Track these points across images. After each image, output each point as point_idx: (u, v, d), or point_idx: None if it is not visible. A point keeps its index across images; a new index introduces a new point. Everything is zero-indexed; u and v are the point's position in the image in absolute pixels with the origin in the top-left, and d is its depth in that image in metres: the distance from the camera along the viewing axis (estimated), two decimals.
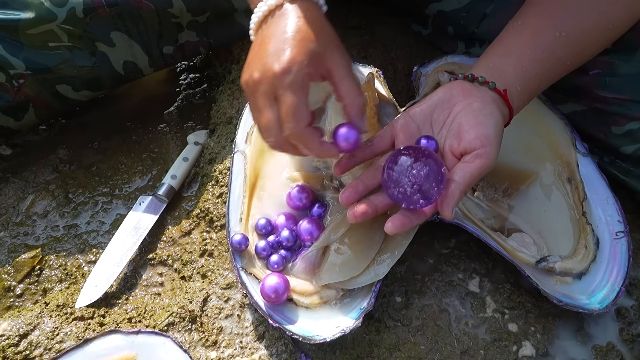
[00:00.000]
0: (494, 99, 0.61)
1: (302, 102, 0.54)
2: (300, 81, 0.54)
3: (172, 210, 0.81)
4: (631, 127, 0.72)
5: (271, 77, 0.54)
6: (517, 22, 0.67)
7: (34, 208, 0.83)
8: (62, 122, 0.93)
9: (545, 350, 0.68)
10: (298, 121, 0.54)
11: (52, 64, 0.79)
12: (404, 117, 0.63)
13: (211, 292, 0.71)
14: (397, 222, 0.58)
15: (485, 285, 0.72)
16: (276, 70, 0.53)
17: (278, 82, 0.54)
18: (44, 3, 0.75)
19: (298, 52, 0.54)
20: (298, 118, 0.54)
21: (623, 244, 0.71)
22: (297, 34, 0.55)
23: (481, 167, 0.58)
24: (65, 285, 0.75)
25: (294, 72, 0.53)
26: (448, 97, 0.62)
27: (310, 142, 0.56)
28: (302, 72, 0.54)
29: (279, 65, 0.53)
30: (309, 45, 0.54)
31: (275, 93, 0.54)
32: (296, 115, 0.54)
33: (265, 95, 0.55)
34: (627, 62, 0.71)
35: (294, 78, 0.53)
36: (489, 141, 0.58)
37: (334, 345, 0.66)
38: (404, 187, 0.57)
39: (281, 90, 0.54)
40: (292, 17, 0.56)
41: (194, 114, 0.94)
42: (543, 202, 0.75)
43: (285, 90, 0.54)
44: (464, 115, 0.60)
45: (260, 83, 0.55)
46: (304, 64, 0.54)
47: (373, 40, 0.96)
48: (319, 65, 0.55)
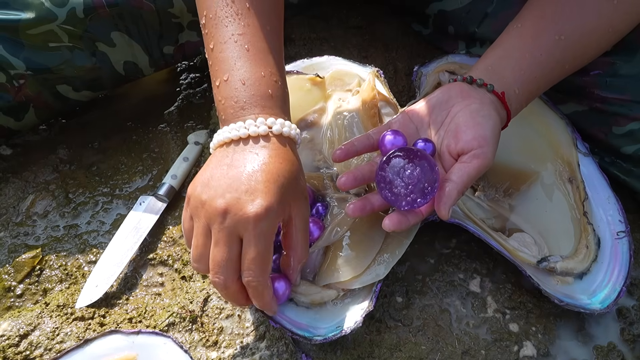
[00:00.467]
0: (492, 100, 0.61)
1: (270, 251, 0.54)
2: (272, 230, 0.53)
3: (172, 210, 0.81)
4: (632, 127, 0.71)
5: (243, 218, 0.52)
6: (517, 25, 0.67)
7: (34, 208, 0.83)
8: (62, 122, 0.93)
9: (547, 351, 0.68)
10: (264, 272, 0.54)
11: (52, 64, 0.79)
12: (402, 116, 0.64)
13: (212, 292, 0.71)
14: (394, 220, 0.58)
15: (486, 285, 0.72)
16: (250, 214, 0.52)
17: (249, 227, 0.52)
18: (45, 3, 0.75)
19: (273, 198, 0.53)
20: (265, 268, 0.54)
21: (624, 243, 0.71)
22: (276, 177, 0.54)
23: (478, 167, 0.58)
24: (66, 285, 0.75)
25: (268, 220, 0.52)
26: (446, 98, 0.62)
27: (264, 294, 0.55)
28: (274, 221, 0.53)
29: (254, 208, 0.52)
30: (283, 191, 0.54)
31: (241, 234, 0.53)
32: (263, 266, 0.53)
33: (229, 232, 0.53)
34: (628, 63, 0.71)
35: (266, 227, 0.52)
36: (486, 142, 0.59)
37: (335, 345, 0.66)
38: (397, 189, 0.58)
39: (250, 236, 0.52)
40: (272, 154, 0.55)
41: (194, 114, 0.93)
42: (544, 202, 0.75)
43: (257, 238, 0.52)
44: (462, 116, 0.61)
45: (225, 215, 0.52)
46: (277, 212, 0.53)
47: (374, 40, 0.96)
48: (286, 212, 0.55)
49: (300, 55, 0.93)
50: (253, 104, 0.57)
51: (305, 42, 0.96)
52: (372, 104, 0.73)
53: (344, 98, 0.77)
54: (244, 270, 0.54)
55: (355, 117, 0.75)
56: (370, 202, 0.61)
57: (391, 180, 0.58)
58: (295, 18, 0.96)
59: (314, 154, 0.76)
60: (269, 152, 0.55)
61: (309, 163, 0.75)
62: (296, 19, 0.98)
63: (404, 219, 0.59)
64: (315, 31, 0.96)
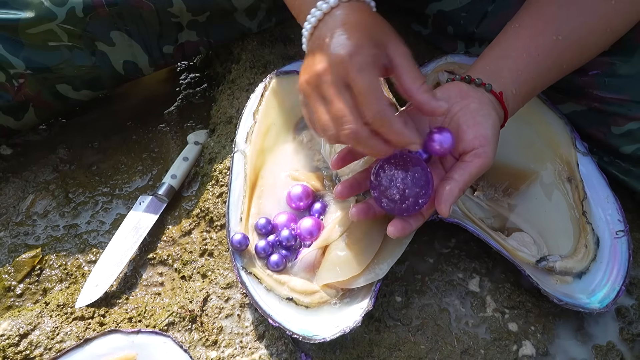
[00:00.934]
0: (491, 100, 0.62)
1: (378, 82, 0.52)
2: (371, 61, 0.52)
3: (172, 210, 0.81)
4: (631, 127, 0.72)
5: (339, 63, 0.52)
6: (514, 25, 0.67)
7: (34, 208, 0.83)
8: (62, 122, 0.93)
9: (546, 350, 0.68)
10: (380, 101, 0.52)
11: (52, 64, 0.79)
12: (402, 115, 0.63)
13: (211, 291, 0.71)
14: (398, 227, 0.59)
15: (485, 285, 0.72)
16: (344, 55, 0.52)
17: (348, 66, 0.52)
18: (44, 3, 0.75)
19: (362, 37, 0.53)
20: (379, 99, 0.52)
21: (623, 243, 0.71)
22: (356, 26, 0.54)
23: (480, 166, 0.58)
24: (66, 285, 0.75)
25: (364, 53, 0.52)
26: (445, 98, 0.62)
27: (393, 124, 0.52)
28: (371, 53, 0.52)
29: (346, 50, 0.52)
30: (369, 31, 0.54)
31: (346, 79, 0.52)
32: (376, 97, 0.51)
33: (335, 83, 0.53)
34: (627, 63, 0.71)
35: (364, 59, 0.52)
36: (487, 141, 0.59)
37: (334, 344, 0.66)
38: (392, 197, 0.58)
39: (353, 73, 0.52)
40: (347, 14, 0.55)
41: (194, 114, 0.94)
42: (543, 201, 0.75)
43: (359, 72, 0.51)
44: (462, 116, 0.61)
45: (326, 73, 0.53)
46: (369, 46, 0.53)
47: None
48: (382, 52, 0.54)
49: (300, 55, 0.93)
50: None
51: None
52: None
53: None
54: (364, 111, 0.52)
55: None
56: (372, 207, 0.62)
57: (385, 189, 0.58)
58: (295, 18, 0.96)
59: (314, 154, 0.76)
60: (344, 17, 0.55)
61: (309, 163, 0.75)
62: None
63: (407, 224, 0.60)
64: None
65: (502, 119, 0.63)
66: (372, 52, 0.53)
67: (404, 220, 0.59)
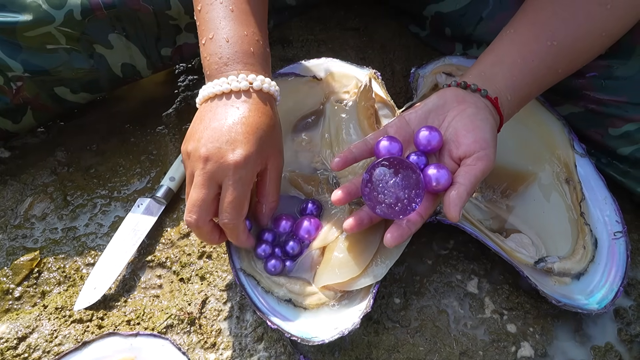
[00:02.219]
0: (487, 105, 0.62)
1: (247, 196, 0.59)
2: (250, 177, 0.58)
3: (170, 212, 0.81)
4: (628, 128, 0.72)
5: (223, 165, 0.57)
6: (510, 30, 0.67)
7: (32, 211, 0.83)
8: (60, 125, 0.93)
9: (544, 351, 0.68)
10: (240, 215, 0.59)
11: (50, 66, 0.79)
12: (399, 120, 0.64)
13: (210, 294, 0.71)
14: (395, 234, 0.58)
15: (483, 286, 0.72)
16: (230, 162, 0.57)
17: (229, 173, 0.57)
18: (42, 5, 0.75)
19: (252, 148, 0.58)
20: (241, 212, 0.59)
21: (621, 244, 0.71)
22: (255, 129, 0.59)
23: (483, 169, 0.58)
24: (64, 287, 0.75)
25: (247, 168, 0.57)
26: (442, 103, 0.62)
27: (240, 234, 0.61)
28: (252, 169, 0.58)
29: (234, 157, 0.57)
30: (262, 142, 0.59)
31: (220, 180, 0.58)
32: (239, 210, 0.58)
33: (209, 177, 0.58)
34: (624, 65, 0.71)
35: (244, 174, 0.57)
36: (487, 144, 0.59)
37: (333, 346, 0.66)
38: (384, 202, 0.58)
39: (230, 181, 0.57)
40: (252, 108, 0.60)
41: (192, 116, 0.92)
42: (541, 202, 0.75)
43: (235, 184, 0.57)
44: (459, 121, 0.61)
45: (207, 162, 0.57)
46: (255, 161, 0.58)
47: (371, 42, 0.96)
48: (263, 163, 0.60)
49: (298, 57, 0.93)
50: (236, 61, 0.62)
51: (303, 44, 0.96)
52: (369, 106, 0.73)
53: (342, 100, 0.77)
54: (222, 213, 0.58)
55: (352, 119, 0.75)
56: (367, 215, 0.62)
57: (377, 193, 0.58)
58: (293, 20, 0.97)
59: (312, 156, 0.76)
60: (249, 106, 0.60)
61: (307, 165, 0.75)
62: (294, 21, 0.98)
63: (405, 230, 0.59)
64: (313, 33, 0.96)
65: (498, 124, 0.63)
66: (255, 168, 0.59)
67: (401, 226, 0.59)
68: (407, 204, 0.57)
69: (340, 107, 0.77)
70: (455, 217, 0.56)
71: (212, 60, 0.63)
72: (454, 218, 0.56)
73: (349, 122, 0.75)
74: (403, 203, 0.57)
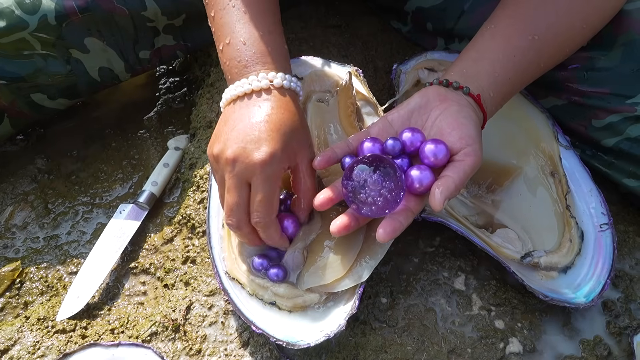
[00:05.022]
0: (469, 102, 0.61)
1: (276, 194, 0.59)
2: (277, 174, 0.58)
3: (153, 217, 0.80)
4: (611, 120, 0.71)
5: (250, 164, 0.57)
6: (490, 25, 0.66)
7: (13, 220, 0.82)
8: (39, 131, 0.92)
9: (533, 346, 0.67)
10: (270, 213, 0.59)
11: (25, 73, 0.77)
12: (382, 121, 0.62)
13: (194, 299, 0.70)
14: (388, 229, 0.55)
15: (470, 283, 0.72)
16: (256, 160, 0.56)
17: (256, 172, 0.57)
18: (15, 11, 0.74)
19: (277, 145, 0.57)
20: (270, 210, 0.59)
21: (607, 236, 0.71)
22: (278, 126, 0.58)
23: (472, 164, 0.57)
24: (47, 297, 0.74)
25: (273, 165, 0.57)
26: (425, 102, 0.61)
27: (273, 234, 0.61)
28: (279, 166, 0.58)
29: (259, 155, 0.56)
30: (287, 138, 0.58)
31: (249, 179, 0.58)
32: (269, 208, 0.58)
33: (238, 178, 0.58)
34: (606, 56, 0.71)
35: (271, 171, 0.57)
36: (473, 140, 0.58)
37: (319, 349, 0.65)
38: (366, 201, 0.57)
39: (258, 180, 0.57)
40: (275, 106, 0.59)
41: (174, 119, 0.92)
42: (527, 196, 0.75)
43: (263, 182, 0.57)
44: (443, 119, 0.60)
45: (234, 163, 0.57)
46: (281, 159, 0.58)
47: (353, 39, 0.95)
48: (292, 159, 0.60)
49: None
50: (255, 62, 0.62)
51: None
52: (350, 104, 0.73)
53: (323, 98, 0.76)
54: (252, 212, 0.58)
55: (334, 118, 0.74)
56: (353, 217, 0.60)
57: (359, 194, 0.57)
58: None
59: None
60: (271, 104, 0.59)
61: None
62: None
63: (397, 224, 0.56)
64: (294, 31, 0.95)
65: (481, 121, 0.63)
66: (282, 165, 0.58)
67: (393, 219, 0.56)
68: (390, 199, 0.56)
69: (322, 107, 0.76)
70: (437, 206, 0.54)
71: (231, 64, 0.63)
72: (437, 207, 0.54)
73: (330, 120, 0.74)
74: (386, 198, 0.56)
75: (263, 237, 0.61)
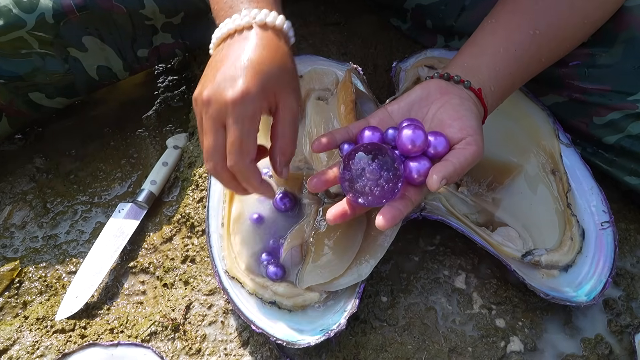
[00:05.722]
0: (470, 96, 0.61)
1: (250, 136, 0.53)
2: (252, 114, 0.52)
3: (152, 216, 0.80)
4: (612, 117, 0.71)
5: (222, 103, 0.52)
6: (491, 20, 0.66)
7: (12, 219, 0.81)
8: (38, 130, 0.92)
9: (534, 345, 0.67)
10: (243, 155, 0.53)
11: (23, 72, 0.77)
12: (382, 112, 0.62)
13: (194, 299, 0.70)
14: (387, 216, 0.54)
15: (471, 282, 0.71)
16: (228, 98, 0.52)
17: (229, 111, 0.52)
18: (12, 10, 0.73)
19: (253, 83, 0.52)
20: (244, 152, 0.53)
21: (609, 234, 0.70)
22: (256, 63, 0.53)
23: (473, 153, 0.57)
24: (46, 297, 0.73)
25: (246, 103, 0.52)
26: (425, 95, 0.61)
27: (250, 179, 0.55)
28: (254, 105, 0.52)
29: (232, 93, 0.52)
30: (265, 77, 0.53)
31: (223, 120, 0.53)
32: (242, 150, 0.53)
33: (213, 119, 0.53)
34: (607, 53, 0.70)
35: (245, 110, 0.52)
36: (474, 130, 0.58)
37: (320, 348, 0.65)
38: (363, 190, 0.55)
39: (231, 119, 0.52)
40: (255, 43, 0.54)
41: (172, 117, 0.92)
42: (527, 195, 0.74)
43: (236, 121, 0.52)
44: (444, 111, 0.60)
45: (208, 105, 0.53)
46: (257, 97, 0.52)
47: (352, 36, 0.95)
48: (270, 99, 0.54)
49: None
50: (240, 1, 0.57)
51: None
52: (350, 102, 0.72)
53: (323, 96, 0.76)
54: (228, 156, 0.54)
55: (333, 116, 0.73)
56: (351, 206, 0.59)
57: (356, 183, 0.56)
58: None
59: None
60: (253, 41, 0.55)
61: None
62: None
63: (397, 212, 0.55)
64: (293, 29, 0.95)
65: (482, 115, 0.62)
66: (257, 104, 0.53)
67: (392, 207, 0.55)
68: (387, 189, 0.55)
69: (322, 105, 0.75)
70: (433, 185, 0.53)
71: (218, 7, 0.59)
72: (432, 185, 0.53)
73: (330, 119, 0.73)
74: (383, 188, 0.55)
75: (241, 182, 0.56)
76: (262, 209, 0.70)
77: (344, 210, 0.59)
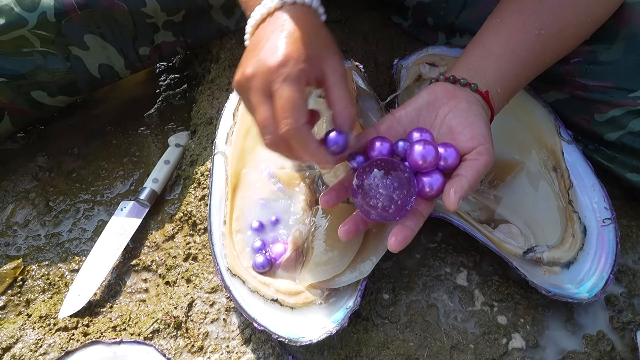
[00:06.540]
0: (477, 99, 0.60)
1: (298, 96, 0.51)
2: (297, 75, 0.51)
3: (154, 214, 0.80)
4: (614, 114, 0.71)
5: (266, 71, 0.51)
6: (496, 20, 0.66)
7: (14, 218, 0.82)
8: (40, 129, 0.92)
9: (536, 342, 0.67)
10: (295, 116, 0.50)
11: (25, 70, 0.77)
12: (389, 119, 0.61)
13: (196, 296, 0.70)
14: (399, 237, 0.54)
15: (473, 278, 0.71)
16: (271, 64, 0.51)
17: (273, 76, 0.51)
18: (14, 9, 0.73)
19: (294, 48, 0.52)
20: (295, 113, 0.50)
21: (610, 231, 0.70)
22: (294, 34, 0.53)
23: (485, 163, 0.56)
24: (49, 295, 0.74)
25: (290, 65, 0.51)
26: (433, 99, 0.60)
27: (306, 142, 0.52)
28: (298, 67, 0.51)
29: (275, 59, 0.51)
30: (305, 45, 0.53)
31: (271, 88, 0.52)
32: (293, 111, 0.50)
33: (260, 91, 0.52)
34: (608, 50, 0.70)
35: (290, 71, 0.51)
36: (484, 138, 0.57)
37: (322, 346, 0.65)
38: (377, 206, 0.55)
39: (277, 84, 0.51)
40: (289, 19, 0.54)
41: (174, 115, 0.92)
42: (529, 192, 0.74)
43: (281, 84, 0.51)
44: (453, 117, 0.59)
45: (253, 78, 0.52)
46: (300, 59, 0.51)
47: (354, 34, 0.95)
48: (314, 65, 0.53)
49: None
50: None
51: None
52: None
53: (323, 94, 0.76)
54: (278, 123, 0.51)
55: None
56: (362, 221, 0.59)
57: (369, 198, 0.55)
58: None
59: None
60: (286, 20, 0.54)
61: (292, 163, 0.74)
62: None
63: (409, 231, 0.55)
64: None
65: (489, 117, 0.62)
66: (300, 66, 0.51)
67: (404, 226, 0.55)
68: (400, 205, 0.55)
69: (323, 102, 0.75)
70: (452, 207, 0.53)
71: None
72: (451, 207, 0.53)
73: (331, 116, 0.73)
74: (397, 205, 0.54)
75: (300, 151, 0.53)
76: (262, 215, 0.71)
77: (356, 228, 0.58)
